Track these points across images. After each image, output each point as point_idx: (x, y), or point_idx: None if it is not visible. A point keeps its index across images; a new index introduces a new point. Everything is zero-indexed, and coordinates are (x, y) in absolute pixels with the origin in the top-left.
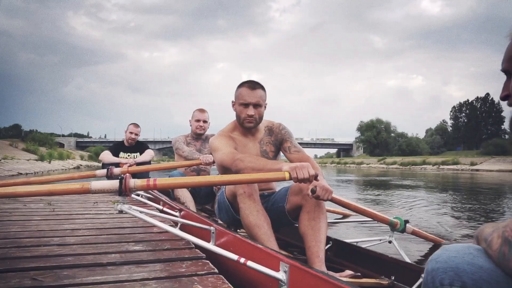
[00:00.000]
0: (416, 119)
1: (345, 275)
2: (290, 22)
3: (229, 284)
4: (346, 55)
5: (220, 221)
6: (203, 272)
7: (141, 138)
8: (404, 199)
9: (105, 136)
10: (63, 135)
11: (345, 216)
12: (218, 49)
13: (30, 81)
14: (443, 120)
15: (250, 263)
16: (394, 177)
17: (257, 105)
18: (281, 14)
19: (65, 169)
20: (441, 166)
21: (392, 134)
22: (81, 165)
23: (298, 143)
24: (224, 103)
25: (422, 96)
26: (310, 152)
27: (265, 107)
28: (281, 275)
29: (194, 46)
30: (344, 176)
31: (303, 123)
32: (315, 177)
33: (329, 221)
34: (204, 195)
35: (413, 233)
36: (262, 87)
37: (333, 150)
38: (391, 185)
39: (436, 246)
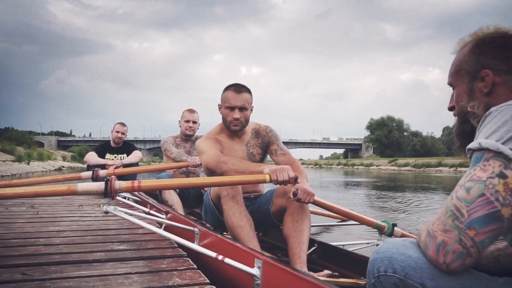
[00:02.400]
0: (432, 116)
1: (323, 275)
2: (293, 10)
3: (205, 278)
4: (354, 46)
5: (207, 224)
6: (182, 268)
7: (130, 137)
8: (406, 203)
9: (89, 135)
10: (42, 134)
11: (343, 220)
12: (215, 39)
13: (5, 74)
14: None
15: (227, 260)
16: (405, 181)
17: (242, 108)
18: (284, 0)
19: (46, 171)
20: (459, 169)
21: (405, 133)
22: (63, 167)
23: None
24: None
25: (439, 91)
26: (314, 152)
27: (251, 110)
28: (255, 270)
29: (188, 35)
30: (346, 178)
31: (307, 120)
32: (295, 179)
33: (326, 224)
34: (193, 198)
35: (402, 236)
36: (248, 90)
37: (340, 150)
38: (399, 189)
39: None
